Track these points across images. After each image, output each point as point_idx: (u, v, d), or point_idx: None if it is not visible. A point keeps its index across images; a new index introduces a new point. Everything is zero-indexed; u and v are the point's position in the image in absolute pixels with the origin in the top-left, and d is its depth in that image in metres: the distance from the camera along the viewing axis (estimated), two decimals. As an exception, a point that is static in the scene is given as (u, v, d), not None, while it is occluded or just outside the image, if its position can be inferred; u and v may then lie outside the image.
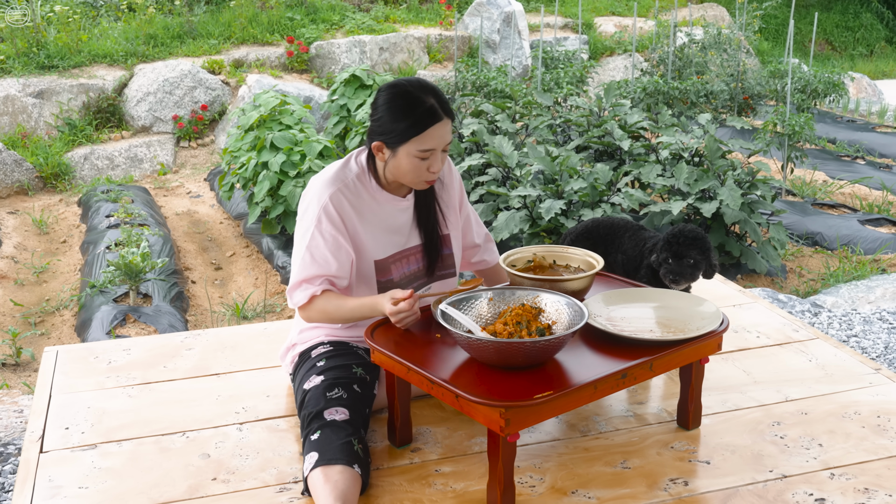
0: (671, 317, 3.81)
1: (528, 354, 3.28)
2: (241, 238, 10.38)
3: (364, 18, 17.56)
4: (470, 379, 3.30)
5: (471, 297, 3.68)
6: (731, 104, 15.47)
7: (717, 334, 3.67)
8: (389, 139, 3.69)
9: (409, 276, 3.99)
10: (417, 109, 3.65)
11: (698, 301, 3.90)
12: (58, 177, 12.76)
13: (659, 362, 3.51)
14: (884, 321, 7.19)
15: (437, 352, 3.52)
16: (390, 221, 3.90)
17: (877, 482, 3.52)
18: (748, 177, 8.79)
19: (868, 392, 4.23)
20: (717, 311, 3.78)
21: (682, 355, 3.61)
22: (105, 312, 7.54)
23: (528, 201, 8.64)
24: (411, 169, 3.71)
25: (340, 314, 3.77)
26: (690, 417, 3.88)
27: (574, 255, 4.27)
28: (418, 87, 3.72)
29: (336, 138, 12.67)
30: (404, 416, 3.74)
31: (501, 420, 3.10)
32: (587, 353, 3.52)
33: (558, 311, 3.59)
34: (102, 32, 15.96)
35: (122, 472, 3.58)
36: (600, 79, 18.13)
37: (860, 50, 25.42)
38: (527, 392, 3.17)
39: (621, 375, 3.38)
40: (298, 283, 3.77)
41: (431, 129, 3.65)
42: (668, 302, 3.92)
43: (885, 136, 14.55)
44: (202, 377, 4.42)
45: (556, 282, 3.90)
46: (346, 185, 3.79)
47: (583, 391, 3.28)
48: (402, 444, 3.75)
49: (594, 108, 11.59)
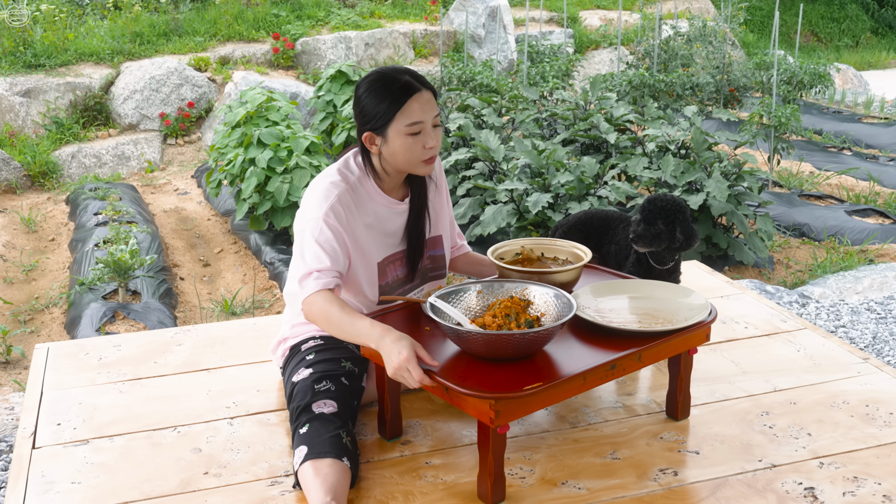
0: (659, 308, 3.82)
1: (516, 346, 3.29)
2: (229, 234, 10.38)
3: (349, 14, 17.55)
4: (460, 371, 3.29)
5: (460, 290, 3.68)
6: (716, 96, 15.50)
7: (705, 325, 3.68)
8: (376, 124, 3.69)
9: (399, 280, 4.00)
10: (394, 86, 3.67)
11: (686, 292, 3.91)
12: (45, 175, 12.75)
13: (648, 353, 3.52)
14: (871, 311, 7.21)
15: (427, 345, 3.49)
16: (387, 225, 3.89)
17: (866, 471, 3.53)
18: (735, 168, 8.80)
19: (856, 381, 4.24)
20: (705, 302, 3.78)
21: (671, 346, 3.62)
22: (94, 310, 7.55)
23: (515, 195, 8.65)
24: (405, 149, 3.70)
25: (339, 324, 3.52)
26: (679, 408, 3.88)
27: (562, 248, 4.26)
28: (392, 69, 3.76)
29: (323, 134, 12.68)
30: (394, 409, 3.73)
31: (491, 412, 3.10)
32: (576, 345, 3.52)
33: (546, 304, 3.60)
34: (89, 31, 15.95)
35: (115, 467, 3.58)
36: (586, 72, 18.13)
37: (846, 41, 25.49)
38: (516, 384, 3.17)
39: (610, 366, 3.39)
40: (308, 273, 3.64)
41: (412, 101, 3.66)
42: (656, 293, 3.93)
43: (871, 127, 14.58)
44: (193, 372, 4.42)
45: (545, 274, 3.90)
46: (351, 186, 3.78)
47: (572, 382, 3.28)
48: (393, 437, 3.75)
49: (580, 102, 11.60)
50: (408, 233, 3.98)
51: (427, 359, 3.26)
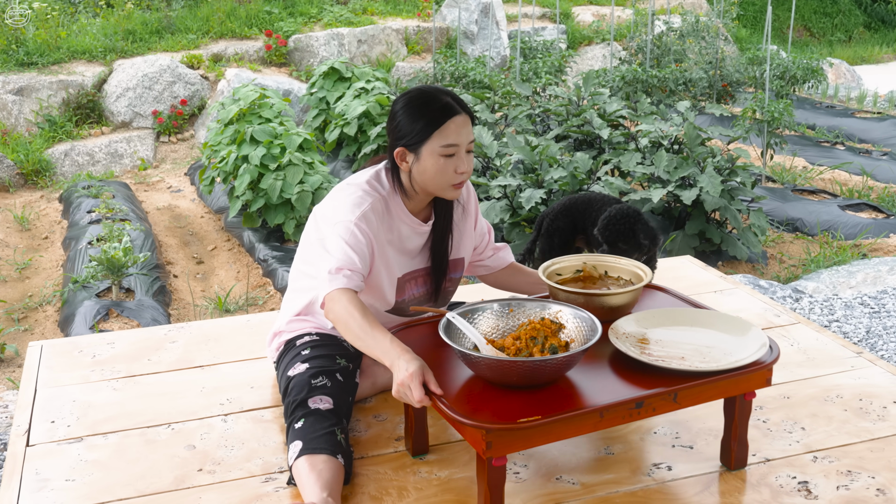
0: (712, 344, 3.45)
1: (522, 375, 3.08)
2: (223, 232, 10.37)
3: (342, 11, 17.54)
4: (464, 392, 3.16)
5: (486, 308, 3.51)
6: (709, 91, 15.52)
7: (761, 367, 3.30)
8: (410, 140, 3.63)
9: (418, 298, 3.98)
10: (434, 105, 3.61)
11: (745, 327, 3.53)
12: (39, 173, 12.75)
13: (686, 393, 3.20)
14: (865, 306, 7.22)
15: (447, 363, 3.37)
16: (407, 243, 3.85)
17: (859, 464, 3.54)
18: (728, 164, 8.81)
19: (850, 375, 4.25)
20: (765, 341, 3.40)
21: (718, 387, 3.27)
22: (88, 307, 7.54)
23: (508, 191, 8.66)
24: (437, 171, 3.64)
25: (359, 332, 3.36)
26: (733, 457, 3.51)
27: (625, 267, 3.97)
28: (432, 88, 3.70)
29: (316, 131, 12.71)
30: (420, 425, 3.60)
31: (483, 442, 2.93)
32: (605, 376, 3.26)
33: (578, 328, 3.36)
34: (81, 29, 15.93)
35: (109, 465, 3.58)
36: (579, 68, 18.15)
37: (839, 36, 25.50)
38: (522, 413, 2.98)
39: (635, 404, 3.11)
40: (339, 269, 3.52)
41: (450, 122, 3.60)
42: (716, 326, 3.57)
43: (864, 122, 14.60)
44: (186, 369, 4.42)
45: (592, 296, 3.65)
46: (381, 198, 3.73)
47: (586, 418, 3.04)
48: (418, 454, 3.62)
49: (573, 98, 11.61)
50: (432, 255, 3.95)
51: (433, 385, 3.11)
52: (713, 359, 3.32)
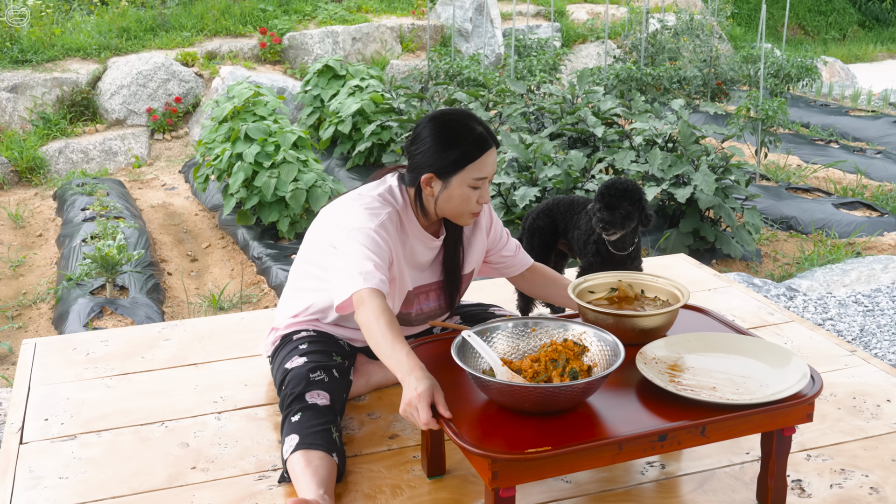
0: (748, 374, 3.23)
1: (535, 401, 2.94)
2: (217, 229, 10.37)
3: (336, 9, 17.52)
4: (475, 416, 3.04)
5: (505, 326, 3.37)
6: (704, 90, 15.53)
7: (802, 400, 3.08)
8: (441, 170, 3.60)
9: (428, 313, 3.99)
10: (469, 137, 3.59)
11: (786, 357, 3.31)
12: (33, 171, 12.72)
13: (715, 427, 3.02)
14: (859, 304, 7.23)
15: (456, 378, 3.28)
16: (417, 258, 3.84)
17: (853, 463, 3.54)
18: (722, 162, 8.81)
19: (844, 374, 4.25)
20: (806, 371, 3.18)
21: (752, 422, 3.07)
22: (82, 305, 7.53)
23: (502, 189, 8.66)
24: (463, 200, 3.63)
25: (379, 339, 3.25)
26: (770, 495, 3.28)
27: (662, 287, 3.77)
28: (464, 116, 3.66)
29: (310, 129, 12.71)
30: (436, 446, 3.44)
31: (489, 472, 2.79)
32: (630, 405, 3.11)
33: (602, 352, 3.21)
34: (75, 26, 15.90)
35: (102, 462, 3.58)
36: (573, 66, 18.14)
37: (833, 34, 25.49)
38: (535, 442, 2.84)
39: (658, 437, 2.93)
40: (369, 271, 3.42)
41: (485, 157, 3.59)
42: (752, 354, 3.35)
43: (858, 120, 14.60)
44: (180, 367, 4.42)
45: (623, 317, 3.47)
46: (397, 210, 3.71)
47: (602, 449, 2.88)
48: (434, 475, 3.47)
49: (567, 96, 11.60)
50: (444, 270, 3.95)
51: (442, 407, 2.99)
52: (747, 390, 3.11)
